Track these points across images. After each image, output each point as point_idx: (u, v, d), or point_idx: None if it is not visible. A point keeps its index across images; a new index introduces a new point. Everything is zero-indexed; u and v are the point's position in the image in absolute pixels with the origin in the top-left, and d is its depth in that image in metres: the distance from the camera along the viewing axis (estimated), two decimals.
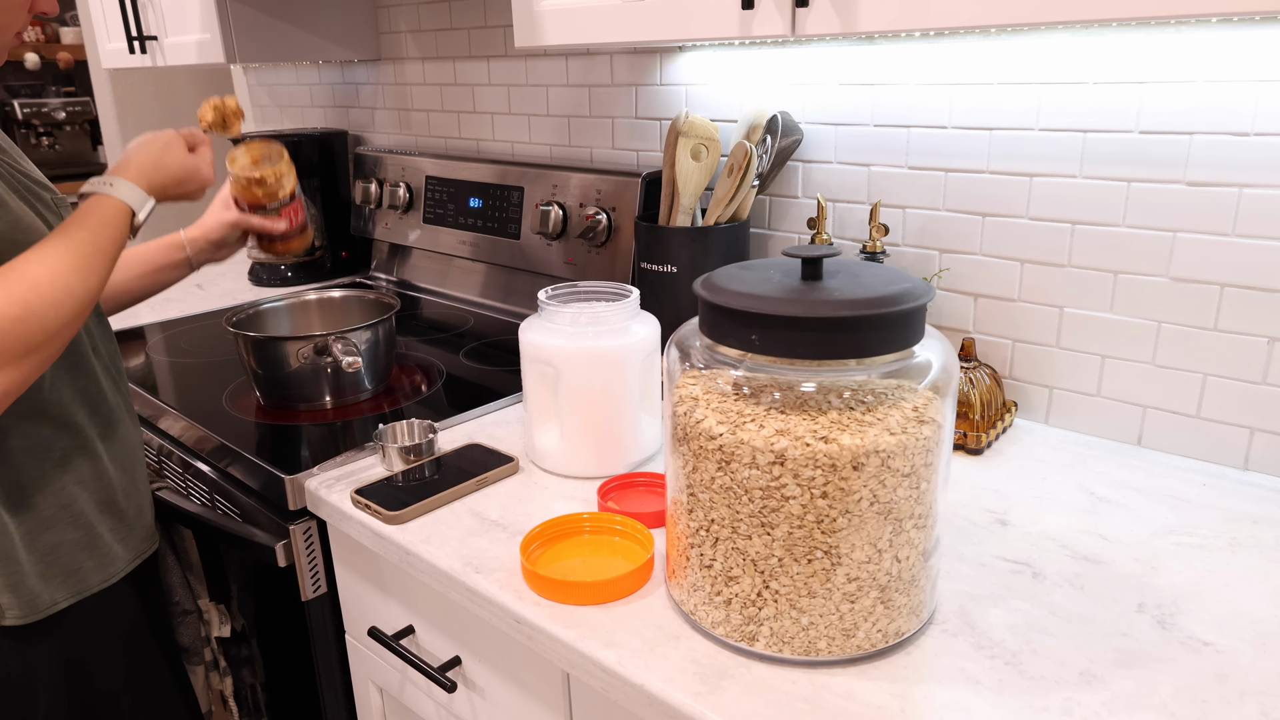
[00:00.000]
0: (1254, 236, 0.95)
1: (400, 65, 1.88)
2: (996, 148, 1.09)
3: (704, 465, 0.69)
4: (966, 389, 1.07)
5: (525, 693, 0.87)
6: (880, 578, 0.68)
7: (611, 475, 1.00)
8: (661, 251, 1.24)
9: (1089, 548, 0.86)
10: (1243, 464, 1.01)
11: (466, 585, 0.84)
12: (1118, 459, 1.04)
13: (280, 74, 2.20)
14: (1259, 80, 0.91)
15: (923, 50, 1.12)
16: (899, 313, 0.65)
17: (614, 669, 0.71)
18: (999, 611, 0.76)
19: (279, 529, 1.06)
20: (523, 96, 1.66)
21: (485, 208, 1.66)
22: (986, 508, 0.94)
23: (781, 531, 0.67)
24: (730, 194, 1.21)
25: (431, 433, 1.09)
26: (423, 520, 0.94)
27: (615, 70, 1.48)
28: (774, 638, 0.70)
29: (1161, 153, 0.98)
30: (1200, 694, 0.66)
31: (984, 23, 0.79)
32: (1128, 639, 0.72)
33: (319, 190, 1.98)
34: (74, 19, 4.48)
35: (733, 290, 0.68)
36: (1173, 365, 1.03)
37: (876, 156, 1.20)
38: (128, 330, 1.66)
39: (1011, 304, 1.13)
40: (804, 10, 0.89)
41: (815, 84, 1.24)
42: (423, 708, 1.03)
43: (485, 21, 1.67)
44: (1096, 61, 1.00)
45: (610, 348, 0.98)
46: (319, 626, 1.11)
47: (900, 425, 0.66)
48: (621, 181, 1.42)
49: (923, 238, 1.19)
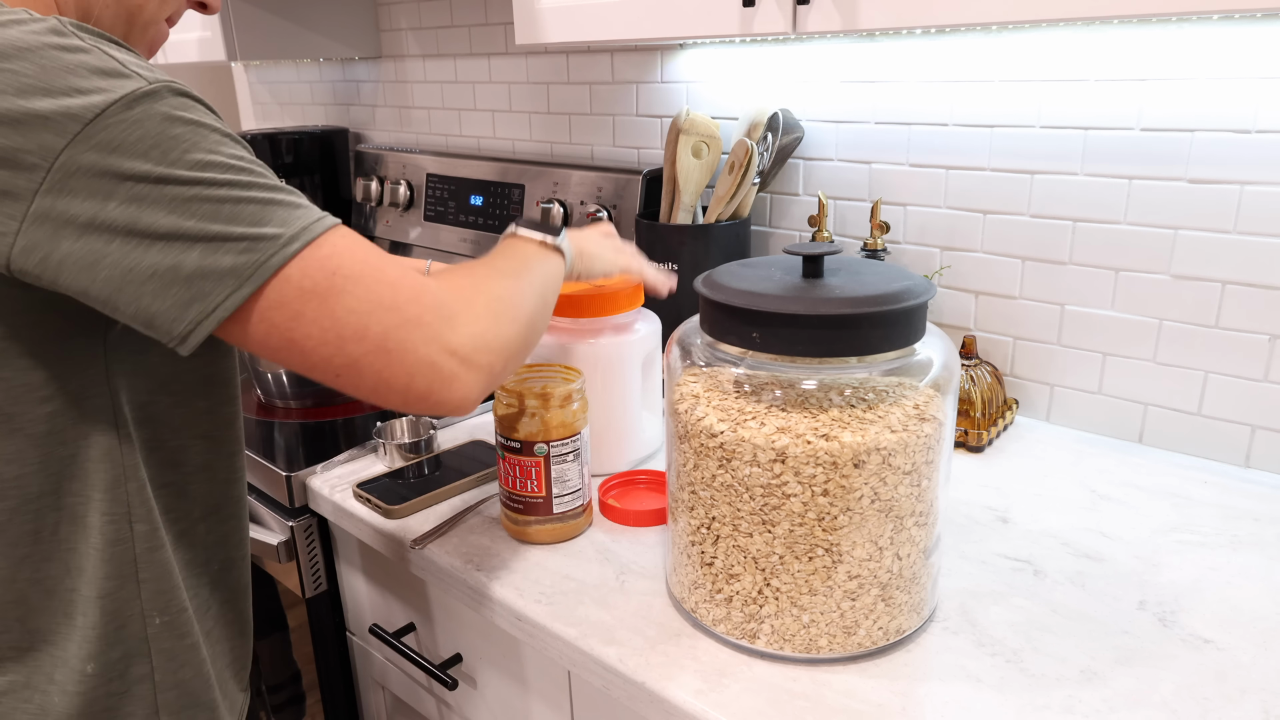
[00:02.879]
0: (1255, 234, 0.95)
1: (401, 63, 1.88)
2: (998, 145, 1.09)
3: (705, 463, 0.69)
4: (968, 386, 1.07)
5: (526, 690, 0.87)
6: (881, 575, 0.68)
7: (612, 473, 1.00)
8: (662, 249, 1.24)
9: (1090, 545, 0.86)
10: (1244, 461, 1.01)
11: (467, 583, 0.84)
12: (1119, 456, 1.04)
13: (281, 71, 2.20)
14: (1260, 77, 0.91)
15: (924, 47, 1.12)
16: (900, 310, 0.65)
17: (615, 666, 0.71)
18: (1000, 609, 0.76)
19: (280, 526, 1.06)
20: (523, 94, 1.66)
21: (486, 205, 1.66)
22: (987, 505, 0.94)
23: (782, 529, 0.67)
24: (731, 191, 1.21)
25: (431, 430, 1.09)
26: (423, 516, 0.94)
27: (616, 68, 1.48)
28: (775, 635, 0.70)
29: (1163, 150, 0.98)
30: (1201, 691, 0.66)
31: (985, 20, 0.79)
32: (1129, 636, 0.72)
33: (320, 188, 1.98)
34: None
35: (734, 288, 0.68)
36: (1174, 363, 1.03)
37: (878, 154, 1.20)
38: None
39: (1012, 301, 1.13)
40: (805, 7, 0.89)
41: (816, 81, 1.23)
42: (424, 705, 1.03)
43: (486, 19, 1.66)
44: (1097, 59, 1.00)
45: (611, 345, 0.98)
46: (320, 624, 1.11)
47: (901, 423, 0.66)
48: (622, 179, 1.42)
49: (924, 235, 1.18)
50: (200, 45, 1.72)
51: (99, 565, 0.64)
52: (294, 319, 0.58)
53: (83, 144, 0.52)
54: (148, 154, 0.53)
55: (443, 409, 0.63)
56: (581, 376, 0.89)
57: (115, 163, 0.53)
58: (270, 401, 1.27)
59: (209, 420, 0.70)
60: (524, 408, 0.85)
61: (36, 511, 0.62)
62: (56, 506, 0.63)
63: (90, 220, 0.53)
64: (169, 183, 0.54)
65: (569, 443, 0.86)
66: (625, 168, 1.44)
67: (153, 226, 0.54)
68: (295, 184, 1.94)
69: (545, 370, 0.91)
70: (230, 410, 0.72)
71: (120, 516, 0.64)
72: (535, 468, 0.86)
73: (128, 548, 0.65)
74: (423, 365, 0.60)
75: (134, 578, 0.65)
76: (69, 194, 0.53)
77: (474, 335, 0.63)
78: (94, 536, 0.63)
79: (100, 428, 0.63)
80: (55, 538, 0.63)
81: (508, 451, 0.87)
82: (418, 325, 0.60)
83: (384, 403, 0.62)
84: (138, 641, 0.66)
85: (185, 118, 0.55)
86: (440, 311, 0.61)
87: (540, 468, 0.86)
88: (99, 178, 0.53)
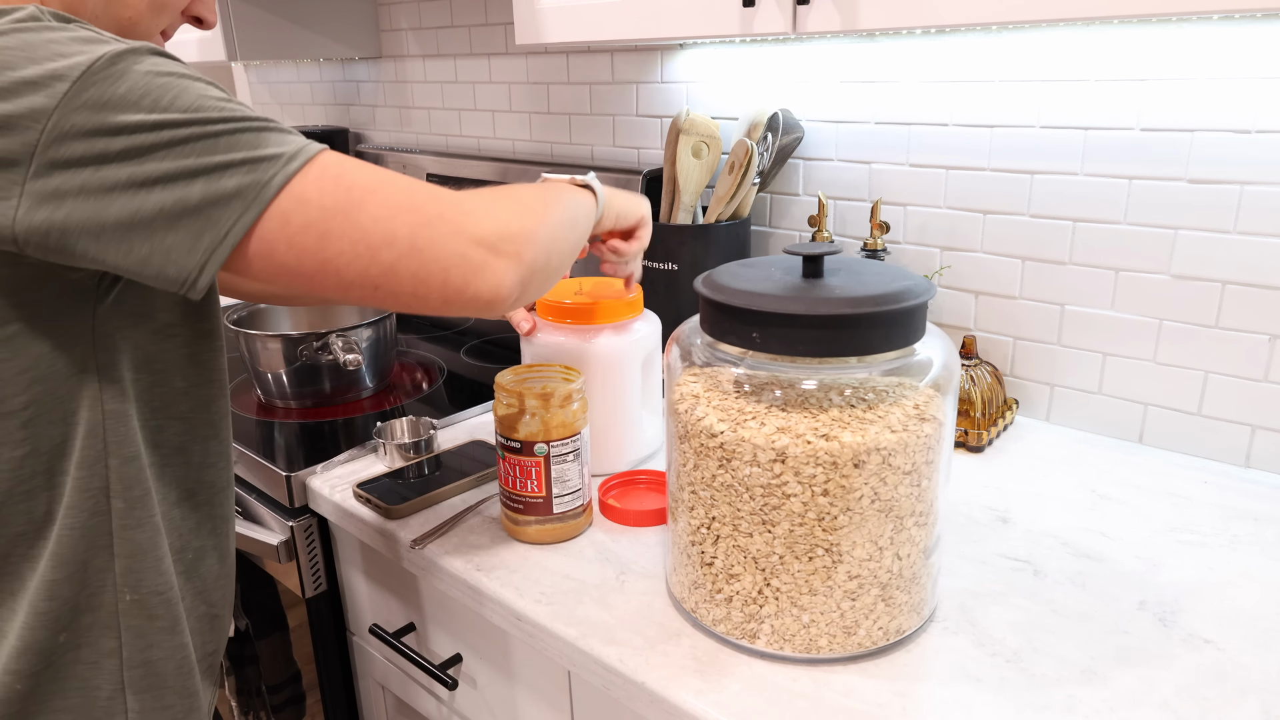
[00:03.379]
0: (1255, 234, 0.95)
1: (401, 63, 1.88)
2: (998, 145, 1.09)
3: (705, 463, 0.69)
4: (967, 386, 1.07)
5: (526, 690, 0.87)
6: (881, 575, 0.68)
7: (612, 473, 1.00)
8: (662, 249, 1.24)
9: (1090, 545, 0.86)
10: (1244, 461, 1.01)
11: (467, 582, 0.84)
12: (1119, 456, 1.04)
13: (281, 71, 2.20)
14: (1260, 77, 0.91)
15: (924, 47, 1.12)
16: (900, 310, 0.65)
17: (615, 666, 0.71)
18: (1000, 609, 0.76)
19: (280, 526, 1.06)
20: (523, 94, 1.66)
21: None
22: (987, 505, 0.94)
23: (782, 529, 0.67)
24: (731, 191, 1.21)
25: (431, 430, 1.09)
26: (423, 516, 0.94)
27: (616, 68, 1.48)
28: (775, 635, 0.70)
29: (1163, 150, 0.98)
30: (1201, 691, 0.66)
31: (985, 20, 0.79)
32: (1129, 636, 0.72)
33: None
34: None
35: (734, 288, 0.68)
36: (1174, 363, 1.03)
37: (877, 154, 1.20)
38: None
39: (1013, 301, 1.13)
40: (805, 7, 0.89)
41: (816, 81, 1.23)
42: (424, 705, 1.03)
43: (486, 19, 1.66)
44: (1097, 59, 1.00)
45: (611, 345, 0.98)
46: (320, 624, 1.11)
47: (901, 423, 0.66)
48: (622, 179, 1.42)
49: (924, 235, 1.18)
50: (200, 45, 1.72)
51: (80, 537, 0.65)
52: (323, 238, 0.59)
53: (72, 103, 0.53)
54: (138, 104, 0.55)
55: (480, 302, 0.64)
56: (581, 376, 0.89)
57: (107, 118, 0.54)
58: (270, 401, 1.27)
59: (186, 401, 0.70)
60: (524, 408, 0.85)
61: (28, 493, 0.63)
62: (49, 486, 0.63)
63: (92, 176, 0.54)
64: (163, 128, 0.55)
65: (569, 443, 0.86)
66: (625, 168, 1.44)
67: (154, 172, 0.55)
68: None
69: (545, 370, 0.91)
70: (207, 393, 0.72)
71: (99, 491, 0.65)
72: (535, 468, 0.86)
73: (105, 520, 0.66)
74: (455, 258, 0.62)
75: (109, 550, 0.66)
76: (67, 155, 0.54)
77: (497, 226, 0.64)
78: (75, 511, 0.65)
79: (87, 404, 0.64)
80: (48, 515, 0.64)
81: (508, 451, 0.87)
82: (441, 221, 0.62)
83: (425, 306, 0.64)
84: (109, 615, 0.67)
85: (168, 70, 0.57)
86: (459, 207, 0.63)
87: (540, 468, 0.86)
88: (94, 135, 0.54)
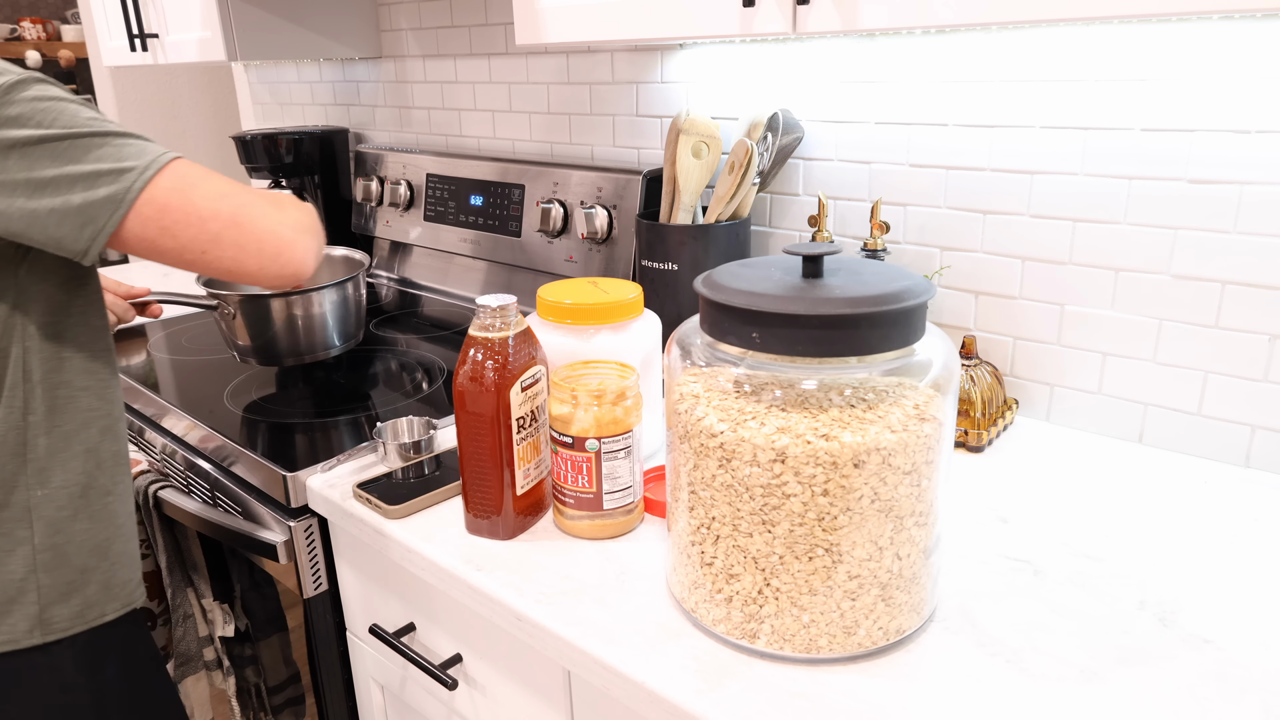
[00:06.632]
0: (1255, 234, 0.95)
1: (401, 63, 1.88)
2: (997, 145, 1.09)
3: (705, 463, 0.69)
4: (967, 386, 1.07)
5: (526, 690, 0.87)
6: (881, 575, 0.68)
7: None
8: (662, 249, 1.24)
9: (1090, 545, 0.86)
10: (1244, 461, 1.01)
11: (467, 582, 0.84)
12: (1119, 456, 1.04)
13: (281, 72, 2.20)
14: (1260, 77, 0.91)
15: (923, 47, 1.12)
16: (900, 310, 0.65)
17: (615, 666, 0.71)
18: (1000, 609, 0.76)
19: (280, 526, 1.06)
20: (524, 94, 1.66)
21: (486, 205, 1.66)
22: (987, 505, 0.94)
23: (782, 529, 0.67)
24: (731, 192, 1.21)
25: (431, 430, 1.09)
26: (423, 517, 0.94)
27: (616, 68, 1.48)
28: (775, 635, 0.70)
29: (1163, 150, 0.98)
30: (1201, 691, 0.66)
31: (985, 20, 0.79)
32: (1129, 636, 0.72)
33: (320, 188, 1.98)
34: (75, 17, 4.48)
35: (734, 288, 0.68)
36: (1174, 363, 1.03)
37: (877, 154, 1.20)
38: (129, 329, 1.66)
39: (1012, 301, 1.13)
40: (805, 8, 0.89)
41: (816, 81, 1.23)
42: (424, 705, 1.03)
43: (486, 19, 1.66)
44: (1097, 59, 1.00)
45: (611, 345, 0.97)
46: (320, 624, 1.11)
47: (901, 423, 0.66)
48: (622, 179, 1.42)
49: (924, 235, 1.18)
50: (200, 45, 1.72)
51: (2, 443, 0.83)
52: (162, 212, 0.79)
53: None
54: (26, 124, 0.74)
55: (289, 269, 0.85)
56: (636, 374, 0.88)
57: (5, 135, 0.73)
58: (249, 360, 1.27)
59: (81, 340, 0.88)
60: (577, 403, 0.85)
61: None
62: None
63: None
64: (48, 141, 0.74)
65: (621, 439, 0.86)
66: (625, 168, 1.44)
67: (43, 175, 0.75)
68: (295, 184, 1.94)
69: (600, 367, 0.91)
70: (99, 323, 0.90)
71: (18, 409, 0.84)
72: (586, 463, 0.86)
73: (20, 432, 0.84)
74: (269, 234, 0.83)
75: (23, 455, 0.84)
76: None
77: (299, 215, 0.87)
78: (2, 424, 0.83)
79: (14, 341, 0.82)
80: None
81: (560, 445, 0.87)
82: (254, 204, 0.83)
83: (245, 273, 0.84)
84: (21, 509, 0.84)
85: (50, 95, 0.76)
86: (265, 197, 0.85)
87: (591, 463, 0.86)
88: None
